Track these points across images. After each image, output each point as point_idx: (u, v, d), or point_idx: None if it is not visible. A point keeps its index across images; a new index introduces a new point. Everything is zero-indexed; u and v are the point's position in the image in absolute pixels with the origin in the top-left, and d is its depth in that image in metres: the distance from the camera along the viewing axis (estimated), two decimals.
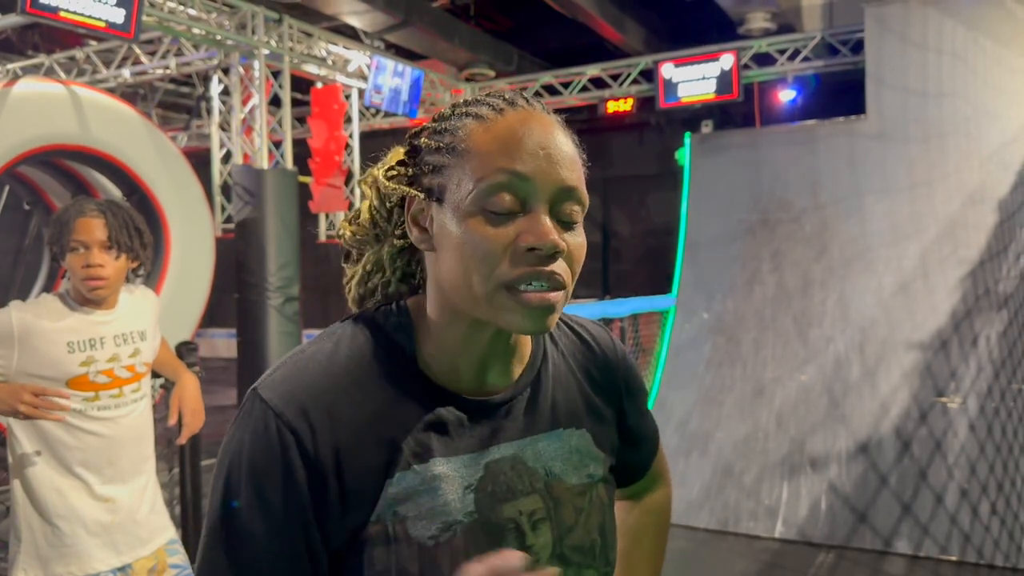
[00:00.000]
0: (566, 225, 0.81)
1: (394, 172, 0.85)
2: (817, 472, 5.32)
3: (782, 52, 8.13)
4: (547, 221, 0.78)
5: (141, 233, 2.20)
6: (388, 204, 0.86)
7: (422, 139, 0.84)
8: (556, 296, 0.79)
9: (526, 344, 0.90)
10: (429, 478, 0.79)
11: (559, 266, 0.79)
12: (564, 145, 0.84)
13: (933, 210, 5.93)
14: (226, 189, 8.06)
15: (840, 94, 7.68)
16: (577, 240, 0.82)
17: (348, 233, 0.91)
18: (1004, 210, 5.74)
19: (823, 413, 5.55)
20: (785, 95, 8.75)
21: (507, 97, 0.84)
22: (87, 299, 2.16)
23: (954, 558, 4.68)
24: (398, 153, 0.87)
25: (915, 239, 5.91)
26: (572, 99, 9.50)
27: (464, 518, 0.80)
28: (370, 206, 0.88)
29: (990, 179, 5.82)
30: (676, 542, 5.18)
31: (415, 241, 0.83)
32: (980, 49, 6.03)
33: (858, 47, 7.12)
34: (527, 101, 0.84)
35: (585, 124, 12.47)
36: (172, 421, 2.41)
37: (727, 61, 8.15)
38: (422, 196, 0.82)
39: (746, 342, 6.17)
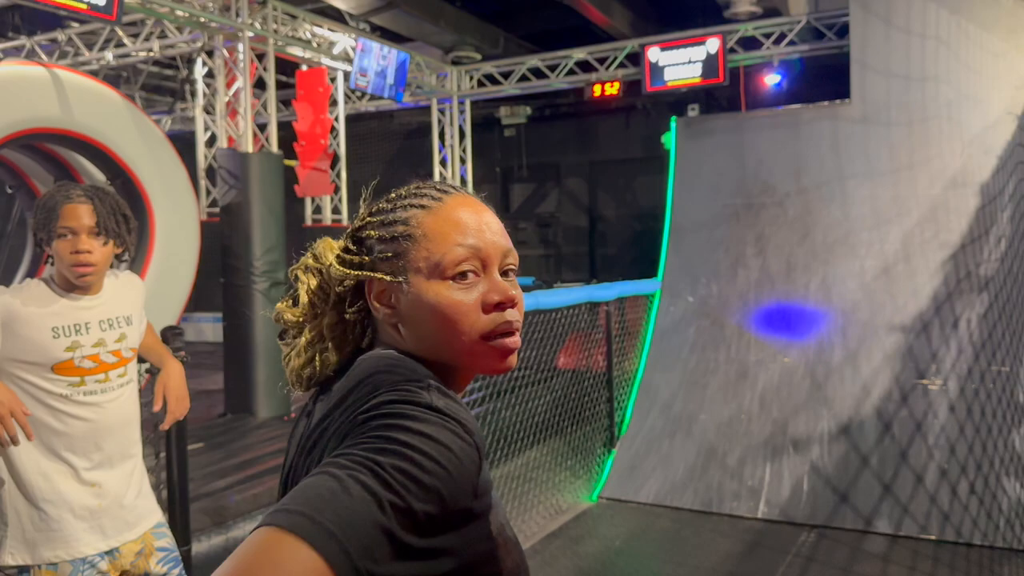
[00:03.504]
0: (507, 278, 0.97)
1: (344, 260, 0.98)
2: (799, 453, 5.39)
3: (768, 36, 8.14)
4: (501, 280, 0.96)
5: (127, 219, 2.20)
6: (332, 289, 0.99)
7: (369, 232, 0.98)
8: (518, 339, 0.96)
9: None
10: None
11: (514, 314, 0.95)
12: (494, 218, 1.01)
13: (915, 194, 5.98)
14: (211, 173, 8.02)
15: (825, 78, 7.70)
16: (518, 289, 0.98)
17: (289, 316, 1.02)
18: (985, 194, 5.79)
19: (805, 395, 5.61)
20: (770, 79, 8.76)
21: (439, 187, 1.00)
22: (72, 284, 2.16)
23: (933, 537, 4.76)
24: (331, 245, 1.01)
25: (897, 223, 5.96)
26: (559, 82, 9.48)
27: None
28: (308, 290, 1.00)
29: (972, 163, 5.87)
30: (661, 522, 5.24)
31: (383, 317, 0.96)
32: (963, 33, 6.06)
33: (843, 31, 7.14)
34: (456, 188, 1.01)
35: (572, 108, 12.45)
36: (157, 407, 2.42)
37: (713, 45, 8.15)
38: (387, 278, 0.94)
39: (731, 325, 6.22)
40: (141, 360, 2.46)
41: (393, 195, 1.02)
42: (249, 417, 6.69)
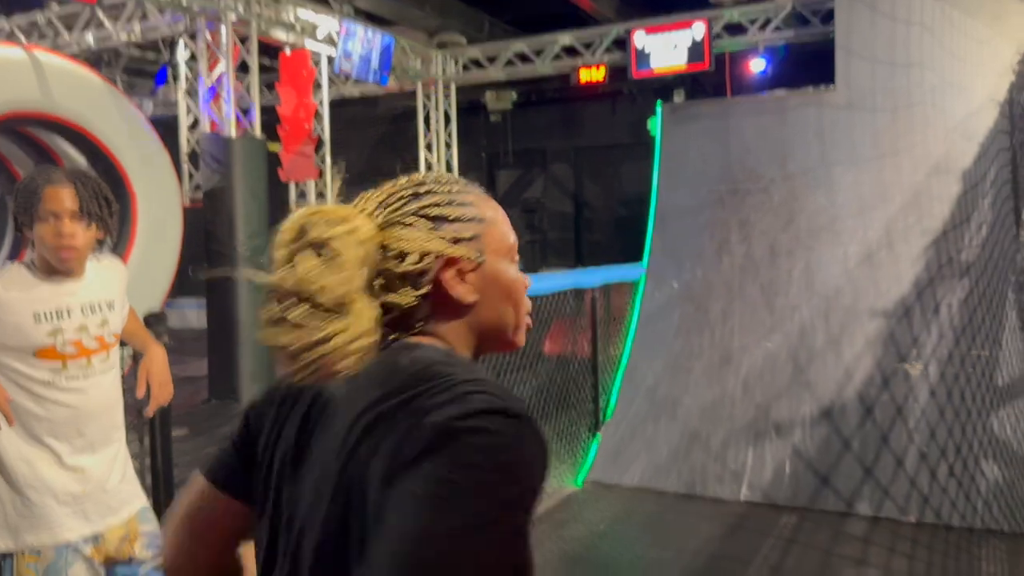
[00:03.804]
0: None
1: (421, 238, 0.92)
2: (782, 437, 5.44)
3: (753, 22, 8.15)
4: None
5: (110, 203, 2.19)
6: (388, 268, 0.90)
7: (445, 211, 0.94)
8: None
9: None
10: None
11: None
12: None
13: (899, 180, 6.02)
14: (194, 157, 7.95)
15: (810, 64, 7.71)
16: None
17: (337, 291, 0.84)
18: (967, 180, 5.84)
19: (788, 379, 5.66)
20: (756, 65, 8.77)
21: (455, 178, 1.00)
22: (54, 269, 2.14)
23: (913, 519, 4.83)
24: (358, 223, 0.88)
25: (881, 209, 6.00)
26: (544, 67, 9.45)
27: None
28: (361, 263, 0.87)
29: (954, 150, 5.91)
30: (644, 505, 5.29)
31: (460, 294, 0.93)
32: (947, 20, 6.09)
33: (828, 17, 7.15)
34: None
35: (557, 93, 12.43)
36: (140, 393, 2.41)
37: (699, 30, 8.15)
38: (473, 256, 0.94)
39: (714, 310, 6.25)
40: (124, 345, 2.45)
41: (424, 179, 0.96)
42: (234, 403, 6.68)
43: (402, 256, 0.90)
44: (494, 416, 0.77)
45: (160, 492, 3.03)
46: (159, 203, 6.76)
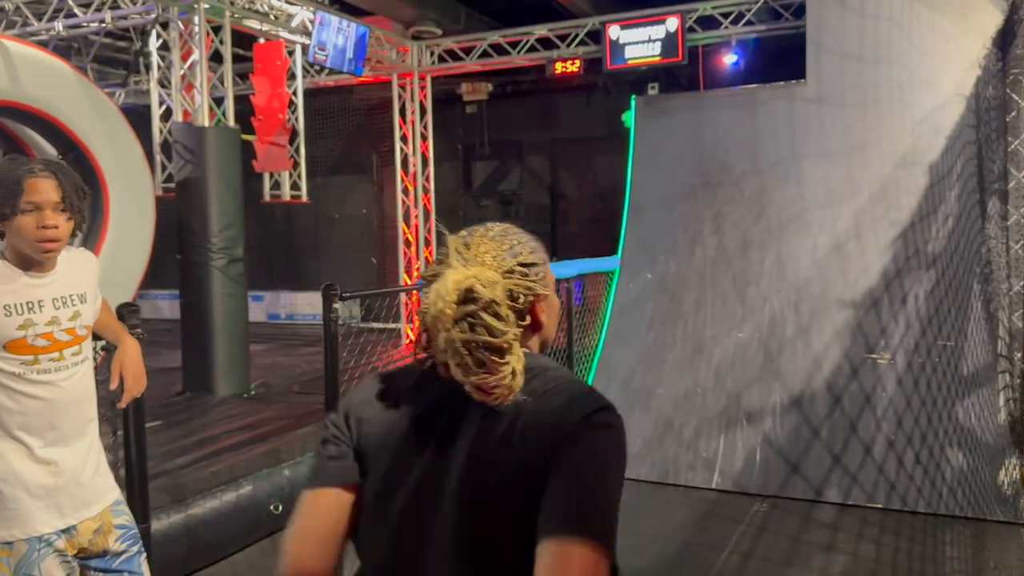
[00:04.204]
0: None
1: (525, 285, 1.26)
2: (752, 425, 5.53)
3: (726, 16, 8.20)
4: None
5: (86, 194, 2.19)
6: (521, 306, 1.25)
7: (531, 258, 1.28)
8: None
9: None
10: None
11: None
12: None
13: (867, 173, 6.11)
14: (166, 147, 7.88)
15: (782, 59, 7.78)
16: None
17: (510, 339, 1.19)
18: (934, 173, 5.94)
19: (759, 369, 5.75)
20: (728, 59, 8.83)
21: (526, 234, 1.35)
22: (25, 261, 2.13)
23: (880, 505, 4.93)
24: (493, 277, 1.21)
25: (849, 201, 6.09)
26: (520, 59, 9.45)
27: None
28: (505, 307, 1.20)
29: (922, 143, 6.01)
30: None
31: (543, 320, 1.31)
32: (915, 15, 6.17)
33: (800, 11, 7.22)
34: None
35: (533, 85, 12.41)
36: (113, 385, 2.40)
37: (672, 23, 8.19)
38: (547, 293, 1.31)
39: (687, 302, 6.32)
40: (97, 337, 2.45)
41: (507, 231, 1.30)
42: (208, 395, 6.64)
43: (516, 297, 1.24)
44: (608, 412, 1.17)
45: (134, 484, 3.03)
46: (131, 193, 6.69)
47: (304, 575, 1.23)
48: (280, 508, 4.61)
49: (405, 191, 10.04)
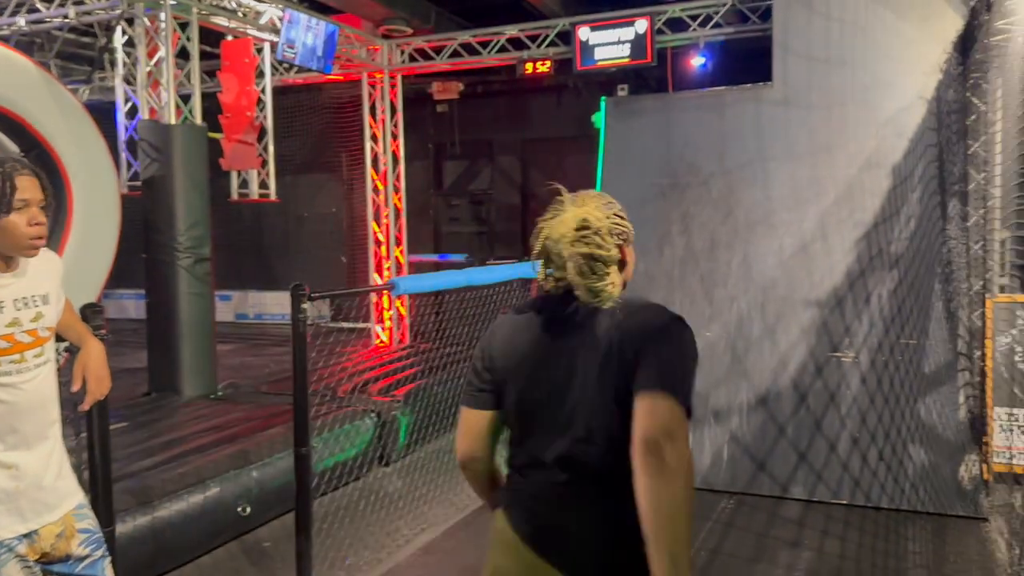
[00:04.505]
0: None
1: (624, 228, 1.86)
2: (720, 424, 5.59)
3: (694, 18, 8.27)
4: None
5: (54, 193, 2.19)
6: (618, 250, 1.82)
7: (621, 213, 1.87)
8: None
9: None
10: None
11: None
12: None
13: (832, 175, 6.20)
14: (132, 145, 7.76)
15: (749, 61, 7.87)
16: None
17: (612, 255, 1.79)
18: (897, 175, 6.05)
19: (726, 368, 5.81)
20: (696, 61, 8.91)
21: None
22: None
23: (844, 501, 5.02)
24: (601, 215, 1.82)
25: (815, 203, 6.18)
26: (491, 59, 9.46)
27: None
28: (612, 252, 1.79)
29: (885, 145, 6.11)
30: None
31: (629, 260, 1.88)
32: (879, 20, 6.27)
33: (767, 14, 7.30)
34: None
35: (504, 85, 12.42)
36: (76, 388, 2.37)
37: (641, 25, 8.24)
38: (631, 240, 1.88)
39: (656, 301, 6.37)
40: (60, 339, 2.41)
41: (602, 193, 1.90)
42: (174, 396, 6.57)
43: (613, 232, 1.80)
44: (679, 320, 1.74)
45: (98, 487, 2.99)
46: (96, 192, 6.58)
47: (470, 458, 1.92)
48: (248, 510, 4.57)
49: (375, 190, 9.99)
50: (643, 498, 1.55)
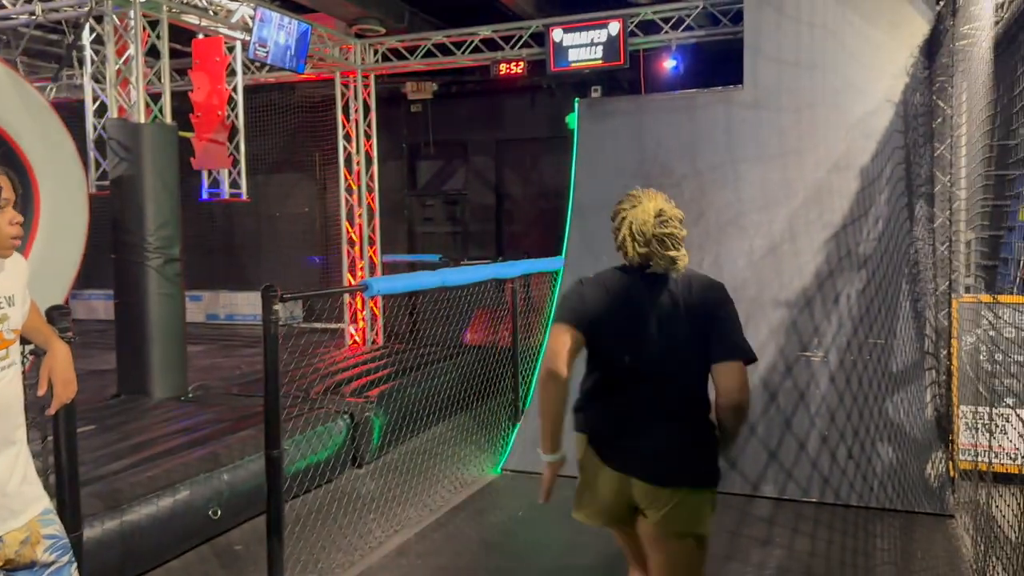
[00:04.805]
0: None
1: (680, 215, 2.54)
2: None
3: (666, 20, 8.33)
4: None
5: (22, 192, 2.17)
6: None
7: (674, 201, 2.57)
8: None
9: None
10: None
11: None
12: None
13: (802, 177, 6.28)
14: (100, 144, 7.66)
15: (720, 64, 7.94)
16: None
17: (682, 237, 2.48)
18: (866, 177, 6.14)
19: None
20: (668, 63, 8.98)
21: None
22: None
23: (814, 499, 5.08)
24: (671, 207, 2.52)
25: (785, 204, 6.25)
26: (465, 59, 9.45)
27: None
28: (677, 225, 2.50)
29: (854, 147, 6.20)
30: (562, 491, 5.37)
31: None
32: (848, 24, 6.36)
33: (738, 17, 7.37)
34: None
35: (478, 86, 12.42)
36: (42, 391, 2.34)
37: (614, 28, 8.28)
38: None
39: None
40: (25, 342, 2.38)
41: (665, 195, 2.53)
42: (143, 398, 6.49)
43: (679, 220, 2.47)
44: (725, 289, 2.48)
45: (65, 492, 2.95)
46: (63, 192, 6.48)
47: (556, 373, 2.36)
48: (219, 513, 4.53)
49: (349, 190, 9.94)
50: (731, 417, 2.38)
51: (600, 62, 8.40)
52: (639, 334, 2.39)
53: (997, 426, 4.81)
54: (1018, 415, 4.81)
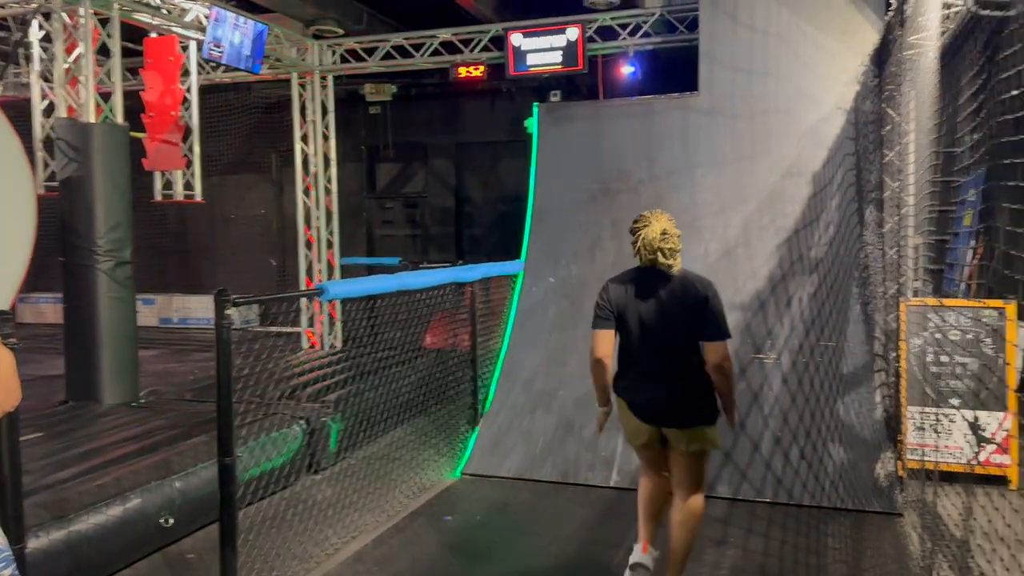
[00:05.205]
0: None
1: (678, 233, 3.64)
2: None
3: (624, 27, 8.41)
4: None
5: None
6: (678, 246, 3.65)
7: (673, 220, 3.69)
8: None
9: None
10: None
11: None
12: None
13: (755, 182, 6.38)
14: (49, 144, 7.47)
15: (677, 70, 8.04)
16: None
17: (678, 248, 3.57)
18: (817, 182, 6.26)
19: None
20: (626, 69, 9.06)
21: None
22: None
23: (768, 499, 5.14)
24: (672, 227, 3.61)
25: (739, 209, 6.35)
26: (424, 62, 9.43)
27: None
28: (676, 241, 3.59)
29: (805, 154, 6.32)
30: (521, 494, 5.40)
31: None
32: (801, 33, 6.49)
33: (694, 24, 7.47)
34: None
35: (437, 88, 12.41)
36: None
37: (573, 33, 8.34)
38: None
39: (588, 305, 6.39)
40: None
41: (668, 215, 3.61)
42: (93, 404, 6.34)
43: (677, 236, 3.55)
44: (713, 285, 3.54)
45: (7, 504, 2.87)
46: (9, 192, 6.30)
47: (605, 357, 3.51)
48: (171, 521, 4.44)
49: (306, 192, 9.84)
50: (720, 384, 3.46)
51: (559, 67, 8.45)
52: (650, 312, 3.48)
53: (943, 426, 4.94)
54: (963, 415, 4.95)
